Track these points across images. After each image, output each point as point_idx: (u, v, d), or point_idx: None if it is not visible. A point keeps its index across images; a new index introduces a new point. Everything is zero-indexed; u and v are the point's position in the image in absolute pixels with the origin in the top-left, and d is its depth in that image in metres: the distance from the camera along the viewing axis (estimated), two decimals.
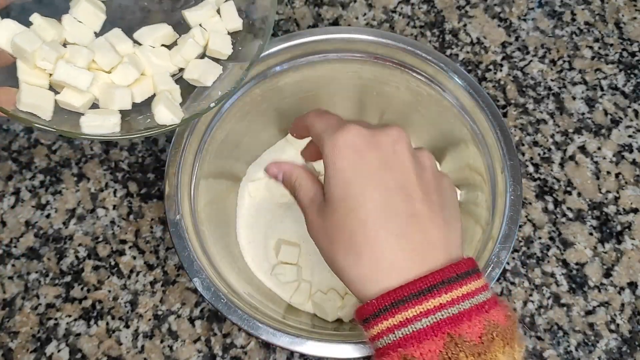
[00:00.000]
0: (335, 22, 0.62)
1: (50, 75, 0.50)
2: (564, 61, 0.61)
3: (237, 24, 0.60)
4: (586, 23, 0.63)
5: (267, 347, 0.51)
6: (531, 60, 0.61)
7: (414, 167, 0.35)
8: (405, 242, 0.33)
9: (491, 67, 0.61)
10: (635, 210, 0.56)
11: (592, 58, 0.61)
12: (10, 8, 0.50)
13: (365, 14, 0.63)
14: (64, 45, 0.53)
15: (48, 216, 0.55)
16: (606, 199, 0.56)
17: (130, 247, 0.54)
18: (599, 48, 0.62)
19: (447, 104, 0.50)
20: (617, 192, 0.57)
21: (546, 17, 0.63)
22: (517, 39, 0.62)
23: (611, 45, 0.62)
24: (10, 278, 0.53)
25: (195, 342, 0.52)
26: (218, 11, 0.60)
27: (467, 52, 0.61)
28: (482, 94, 0.48)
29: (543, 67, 0.61)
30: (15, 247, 0.54)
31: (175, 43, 0.58)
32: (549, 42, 0.62)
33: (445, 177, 0.38)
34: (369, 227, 0.33)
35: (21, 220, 0.55)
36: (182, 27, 0.60)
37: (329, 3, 0.63)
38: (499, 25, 0.63)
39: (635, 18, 0.63)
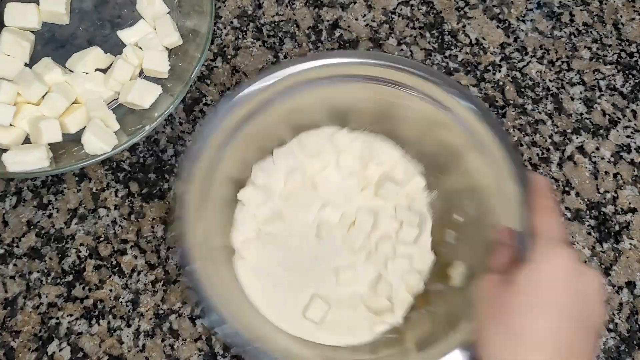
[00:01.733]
0: (335, 24, 0.63)
1: None
2: (563, 62, 0.62)
3: (173, 38, 0.56)
4: (584, 24, 0.63)
5: None
6: (530, 61, 0.62)
7: (600, 321, 0.38)
8: None
9: (490, 67, 0.61)
10: (633, 210, 0.56)
11: (591, 59, 0.62)
12: None
13: (364, 15, 0.63)
14: None
15: (50, 216, 0.56)
16: (604, 198, 0.57)
17: (131, 247, 0.55)
18: (598, 49, 0.62)
19: (455, 127, 0.49)
20: (615, 192, 0.57)
21: (545, 18, 0.63)
22: (515, 39, 0.62)
23: (609, 46, 0.62)
24: (12, 277, 0.54)
25: (196, 340, 0.52)
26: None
27: (466, 53, 0.62)
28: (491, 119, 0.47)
29: (542, 67, 0.61)
30: (17, 246, 0.55)
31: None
32: (548, 43, 0.62)
33: None
34: (533, 339, 0.36)
35: (23, 220, 0.55)
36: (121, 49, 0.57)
37: (329, 4, 0.64)
38: (497, 26, 0.63)
39: (633, 19, 0.63)
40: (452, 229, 0.51)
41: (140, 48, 0.57)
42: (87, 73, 0.56)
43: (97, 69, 0.57)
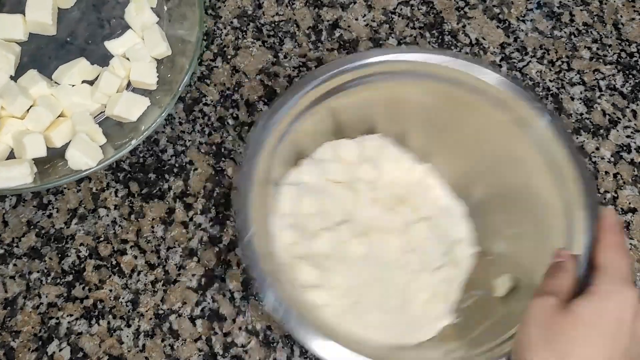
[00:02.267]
0: (335, 24, 0.63)
1: None
2: (563, 62, 0.62)
3: (162, 49, 0.55)
4: (584, 24, 0.63)
5: (268, 346, 0.52)
6: (530, 61, 0.62)
7: None
8: None
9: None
10: (633, 210, 0.56)
11: (591, 59, 0.62)
12: None
13: (364, 15, 0.63)
14: None
15: (50, 216, 0.56)
16: (605, 199, 0.57)
17: (131, 247, 0.55)
18: (598, 49, 0.62)
19: (524, 135, 0.48)
20: (616, 192, 0.57)
21: (545, 18, 0.63)
22: (515, 39, 0.62)
23: (609, 46, 0.62)
24: (12, 277, 0.54)
25: (196, 341, 0.52)
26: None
27: (466, 53, 0.62)
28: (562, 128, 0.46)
29: (542, 67, 0.61)
30: (17, 246, 0.55)
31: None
32: (548, 42, 0.62)
33: None
34: None
35: (23, 220, 0.55)
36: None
37: (329, 4, 0.64)
38: (497, 26, 0.63)
39: (633, 19, 0.63)
40: (505, 240, 0.51)
41: (128, 59, 0.57)
42: (73, 85, 0.55)
43: (84, 81, 0.55)
